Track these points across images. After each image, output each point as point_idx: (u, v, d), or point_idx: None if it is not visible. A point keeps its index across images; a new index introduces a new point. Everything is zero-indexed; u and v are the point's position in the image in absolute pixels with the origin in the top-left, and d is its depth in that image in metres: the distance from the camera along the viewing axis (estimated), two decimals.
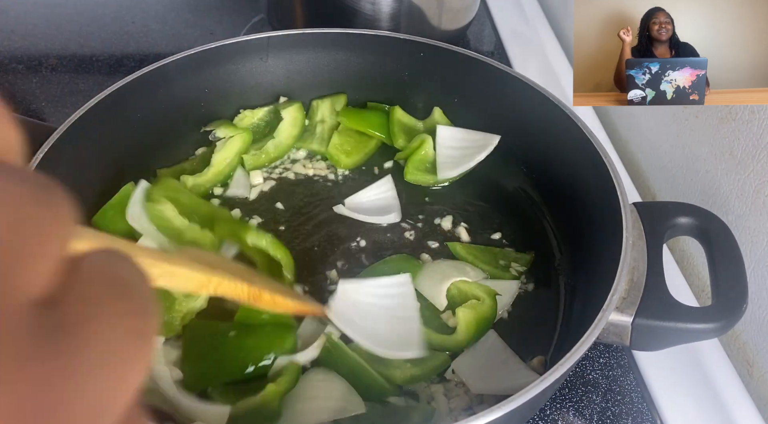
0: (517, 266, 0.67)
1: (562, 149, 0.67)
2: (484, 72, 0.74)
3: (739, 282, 0.54)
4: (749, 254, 0.67)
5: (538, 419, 0.60)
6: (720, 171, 0.72)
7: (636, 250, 0.55)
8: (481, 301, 0.62)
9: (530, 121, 0.71)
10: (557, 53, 1.04)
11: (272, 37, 0.77)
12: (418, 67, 0.78)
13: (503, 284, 0.64)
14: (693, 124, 0.77)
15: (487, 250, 0.68)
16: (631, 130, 0.92)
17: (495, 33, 1.10)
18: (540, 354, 0.60)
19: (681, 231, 0.59)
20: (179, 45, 1.03)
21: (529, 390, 0.43)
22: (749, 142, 0.67)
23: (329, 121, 0.81)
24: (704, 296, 0.74)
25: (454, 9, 0.96)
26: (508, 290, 0.64)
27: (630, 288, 0.53)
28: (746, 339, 0.70)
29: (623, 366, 0.64)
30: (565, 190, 0.69)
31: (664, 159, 0.83)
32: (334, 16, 0.91)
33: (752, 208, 0.67)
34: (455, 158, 0.75)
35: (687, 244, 0.78)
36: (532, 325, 0.63)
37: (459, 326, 0.60)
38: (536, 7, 1.16)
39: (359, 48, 0.79)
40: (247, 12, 1.11)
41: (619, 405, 0.61)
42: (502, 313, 0.63)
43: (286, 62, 0.80)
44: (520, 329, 0.62)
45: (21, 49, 1.03)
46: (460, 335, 0.59)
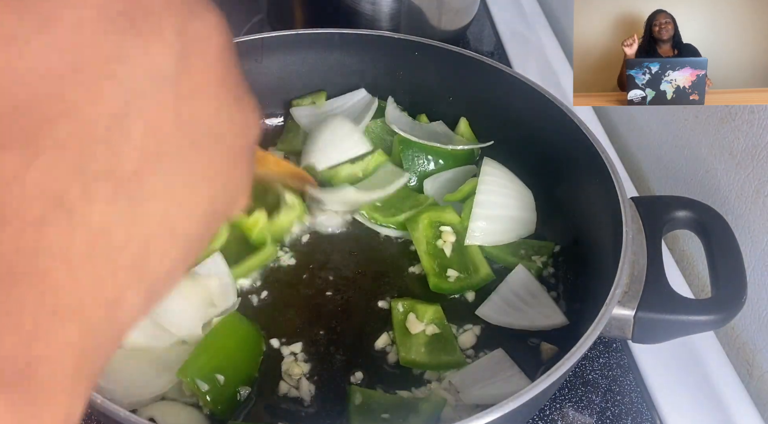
0: (539, 257, 0.67)
1: (561, 149, 0.67)
2: (484, 72, 0.74)
3: (737, 274, 0.54)
4: (749, 254, 0.68)
5: (537, 419, 0.60)
6: (720, 171, 0.72)
7: (635, 244, 0.55)
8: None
9: (530, 121, 0.71)
10: (557, 53, 1.04)
11: (266, 38, 0.77)
12: (416, 68, 0.78)
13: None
14: (693, 124, 0.77)
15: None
16: (631, 130, 0.92)
17: (495, 33, 1.10)
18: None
19: (679, 225, 0.59)
20: None
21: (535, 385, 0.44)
22: (749, 142, 0.67)
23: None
24: (704, 295, 0.74)
25: (453, 9, 0.96)
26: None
27: (631, 282, 0.53)
28: (746, 339, 0.70)
29: (623, 366, 0.64)
30: (564, 189, 0.69)
31: (664, 159, 0.84)
32: (334, 17, 0.91)
33: (752, 208, 0.67)
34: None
35: (686, 243, 0.79)
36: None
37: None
38: (536, 7, 1.16)
39: (354, 48, 0.79)
40: (247, 12, 1.10)
41: (618, 405, 0.61)
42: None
43: (280, 63, 0.80)
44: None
45: None
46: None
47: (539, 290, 0.64)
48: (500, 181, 0.69)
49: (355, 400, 0.55)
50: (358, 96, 0.81)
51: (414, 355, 0.59)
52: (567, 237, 0.68)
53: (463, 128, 0.78)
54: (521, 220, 0.69)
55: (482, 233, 0.67)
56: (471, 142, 0.77)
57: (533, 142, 0.72)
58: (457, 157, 0.75)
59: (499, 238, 0.68)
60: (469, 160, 0.76)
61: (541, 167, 0.71)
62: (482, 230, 0.67)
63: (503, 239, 0.68)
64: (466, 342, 0.61)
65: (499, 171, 0.70)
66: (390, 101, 0.79)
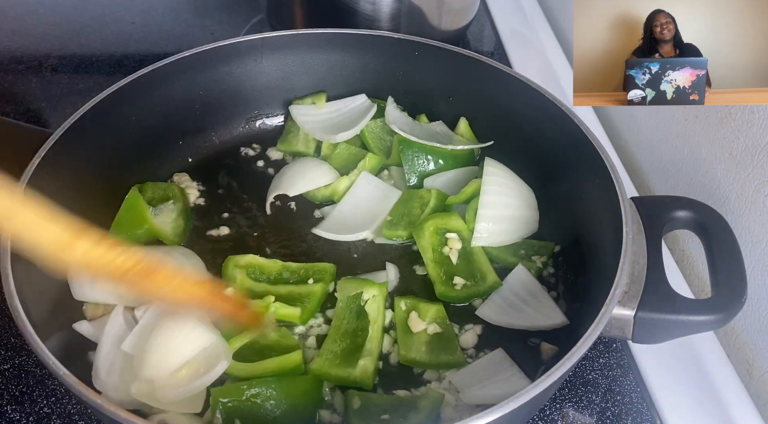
0: (539, 258, 0.67)
1: (561, 149, 0.67)
2: (484, 72, 0.74)
3: (737, 274, 0.54)
4: (749, 254, 0.68)
5: (537, 419, 0.60)
6: (720, 171, 0.72)
7: (636, 244, 0.55)
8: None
9: (530, 121, 0.71)
10: (557, 53, 1.04)
11: (266, 38, 0.77)
12: (416, 68, 0.78)
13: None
14: (693, 124, 0.77)
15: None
16: (631, 130, 0.92)
17: (495, 33, 1.10)
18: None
19: (679, 224, 0.59)
20: (179, 45, 1.03)
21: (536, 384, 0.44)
22: (749, 142, 0.67)
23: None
24: (704, 295, 0.74)
25: (454, 9, 0.96)
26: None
27: (631, 282, 0.53)
28: (746, 339, 0.70)
29: (623, 366, 0.64)
30: (564, 189, 0.69)
31: (664, 159, 0.84)
32: (334, 17, 0.91)
33: (752, 208, 0.67)
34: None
35: (686, 244, 0.79)
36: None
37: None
38: (536, 7, 1.16)
39: (355, 48, 0.79)
40: (247, 12, 1.11)
41: (618, 405, 0.61)
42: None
43: (280, 63, 0.80)
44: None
45: (21, 49, 1.03)
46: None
47: (539, 290, 0.64)
48: (503, 181, 0.69)
49: (354, 404, 0.55)
50: (358, 101, 0.81)
51: (414, 353, 0.59)
52: (567, 237, 0.68)
53: (463, 128, 0.78)
54: (525, 219, 0.69)
55: (488, 234, 0.67)
56: (471, 142, 0.77)
57: (533, 143, 0.72)
58: (456, 157, 0.75)
59: (505, 238, 0.68)
60: (469, 161, 0.76)
61: (541, 167, 0.71)
62: (488, 231, 0.67)
63: (508, 239, 0.68)
64: (468, 342, 0.61)
65: (502, 171, 0.70)
66: (390, 101, 0.79)
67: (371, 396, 0.56)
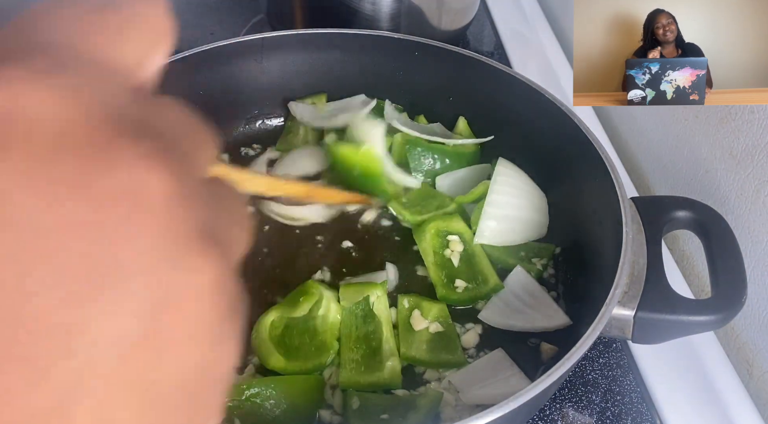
0: (539, 260, 0.67)
1: (561, 149, 0.67)
2: (484, 72, 0.74)
3: (737, 274, 0.54)
4: (749, 254, 0.68)
5: (537, 419, 0.60)
6: (720, 171, 0.72)
7: (635, 244, 0.55)
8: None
9: (530, 122, 0.71)
10: (557, 53, 1.04)
11: (266, 38, 0.77)
12: (416, 68, 0.78)
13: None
14: (693, 124, 0.77)
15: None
16: (631, 130, 0.92)
17: (495, 33, 1.10)
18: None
19: (679, 225, 0.59)
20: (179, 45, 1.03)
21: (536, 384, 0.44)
22: (749, 142, 0.67)
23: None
24: (704, 295, 0.74)
25: (453, 9, 0.96)
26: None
27: (631, 282, 0.53)
28: (746, 339, 0.70)
29: (623, 366, 0.64)
30: (564, 189, 0.69)
31: (664, 159, 0.84)
32: (334, 17, 0.91)
33: (752, 208, 0.67)
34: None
35: (686, 243, 0.79)
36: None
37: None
38: (536, 7, 1.16)
39: (355, 48, 0.79)
40: (247, 12, 1.10)
41: (618, 405, 0.61)
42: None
43: (280, 63, 0.80)
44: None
45: None
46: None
47: (539, 291, 0.64)
48: (514, 182, 0.69)
49: (353, 404, 0.55)
50: (357, 100, 0.81)
51: (414, 352, 0.59)
52: (567, 237, 0.68)
53: (462, 127, 0.78)
54: (532, 222, 0.69)
55: (491, 233, 0.67)
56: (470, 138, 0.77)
57: (533, 143, 0.72)
58: (461, 155, 0.75)
59: (508, 238, 0.68)
60: (474, 160, 0.76)
61: (541, 167, 0.71)
62: (492, 230, 0.67)
63: (512, 240, 0.68)
64: (469, 342, 0.61)
65: (514, 172, 0.69)
66: (387, 104, 0.79)
67: (370, 396, 0.56)
